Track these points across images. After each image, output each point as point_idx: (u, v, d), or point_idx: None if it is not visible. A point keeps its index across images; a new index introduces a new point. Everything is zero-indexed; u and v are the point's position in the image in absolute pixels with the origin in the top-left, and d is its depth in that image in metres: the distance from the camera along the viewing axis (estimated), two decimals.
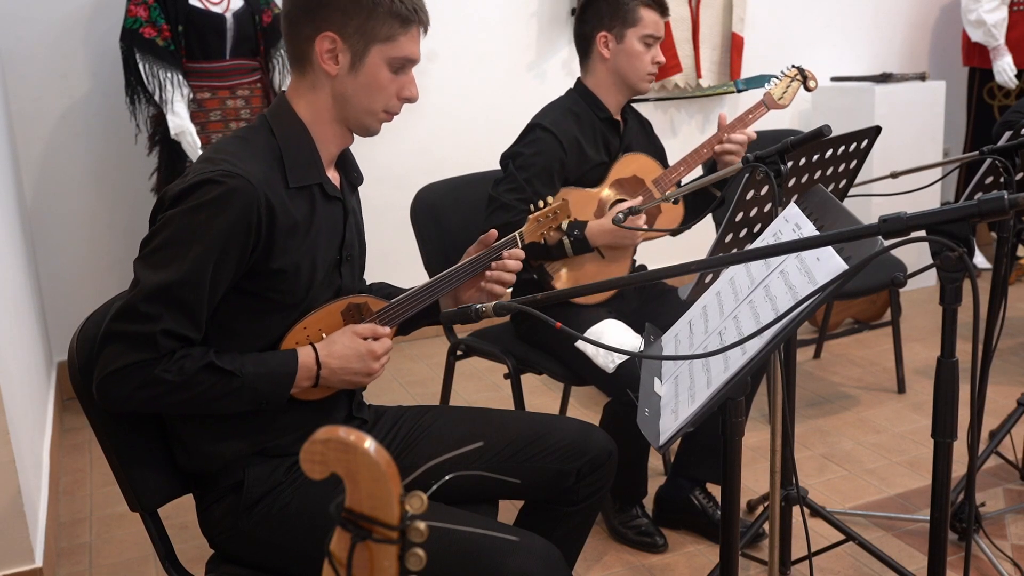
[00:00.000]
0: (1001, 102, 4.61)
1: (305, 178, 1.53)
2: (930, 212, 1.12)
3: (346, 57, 1.51)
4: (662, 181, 2.40)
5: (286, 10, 1.55)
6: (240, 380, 1.45)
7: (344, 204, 1.63)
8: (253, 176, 1.44)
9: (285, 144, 1.53)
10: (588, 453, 1.70)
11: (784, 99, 2.49)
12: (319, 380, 1.52)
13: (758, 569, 2.28)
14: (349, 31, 1.49)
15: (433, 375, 3.69)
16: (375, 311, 1.63)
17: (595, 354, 2.23)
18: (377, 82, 1.53)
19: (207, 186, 1.41)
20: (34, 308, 3.19)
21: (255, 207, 1.43)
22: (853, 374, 3.55)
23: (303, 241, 1.52)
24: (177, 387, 1.42)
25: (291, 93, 1.58)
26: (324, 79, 1.53)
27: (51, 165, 3.50)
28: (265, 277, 1.48)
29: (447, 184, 2.67)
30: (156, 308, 1.39)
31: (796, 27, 4.64)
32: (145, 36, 3.08)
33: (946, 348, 1.25)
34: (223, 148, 1.51)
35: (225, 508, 1.55)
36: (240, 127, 1.69)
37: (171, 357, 1.42)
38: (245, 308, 1.50)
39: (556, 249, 2.30)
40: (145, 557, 2.49)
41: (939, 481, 1.30)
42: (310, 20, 1.50)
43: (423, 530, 0.71)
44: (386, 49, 1.52)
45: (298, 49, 1.54)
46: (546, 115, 2.39)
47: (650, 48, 2.37)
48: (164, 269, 1.40)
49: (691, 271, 1.25)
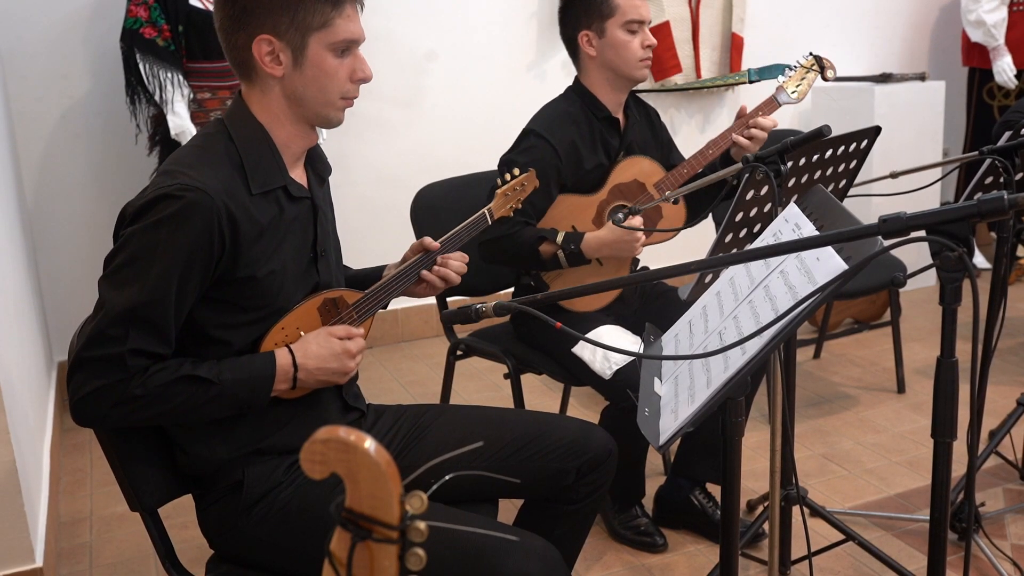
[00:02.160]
0: (1001, 102, 4.61)
1: (268, 183, 1.51)
2: (930, 212, 1.12)
3: (287, 55, 1.49)
4: (664, 185, 2.35)
5: (217, 23, 1.52)
6: (219, 388, 1.45)
7: (313, 201, 1.60)
8: (211, 187, 1.42)
9: (244, 150, 1.50)
10: (588, 452, 1.71)
11: (798, 94, 2.39)
12: (296, 382, 1.52)
13: (758, 569, 2.28)
14: (283, 29, 1.47)
15: (433, 375, 3.69)
16: (351, 303, 1.63)
17: (592, 360, 2.22)
18: (324, 71, 1.50)
19: (165, 201, 1.40)
20: (34, 308, 3.18)
21: (215, 219, 1.41)
22: (853, 374, 3.55)
23: (270, 247, 1.51)
24: (152, 401, 1.41)
25: (246, 96, 1.55)
26: (272, 82, 1.51)
27: (51, 165, 3.50)
28: (234, 285, 1.48)
29: (447, 184, 2.67)
30: (121, 329, 1.39)
31: (796, 27, 4.64)
32: (145, 36, 3.08)
33: (946, 348, 1.25)
34: (181, 159, 1.49)
35: (225, 508, 1.55)
36: (197, 132, 1.67)
37: (143, 374, 1.41)
38: (218, 316, 1.49)
39: (551, 262, 2.28)
40: (145, 557, 2.49)
41: (939, 481, 1.30)
42: (242, 27, 1.48)
43: (423, 530, 0.71)
44: (324, 36, 1.49)
45: (239, 58, 1.51)
46: (541, 120, 2.35)
47: (636, 34, 2.30)
48: (128, 288, 1.39)
49: (691, 271, 1.25)
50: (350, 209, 3.68)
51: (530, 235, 2.26)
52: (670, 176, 2.35)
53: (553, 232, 2.27)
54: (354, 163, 3.88)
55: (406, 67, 3.89)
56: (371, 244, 3.84)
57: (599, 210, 2.34)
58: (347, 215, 2.93)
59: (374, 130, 3.90)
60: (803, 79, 2.41)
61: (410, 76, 3.91)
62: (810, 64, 2.42)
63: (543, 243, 2.27)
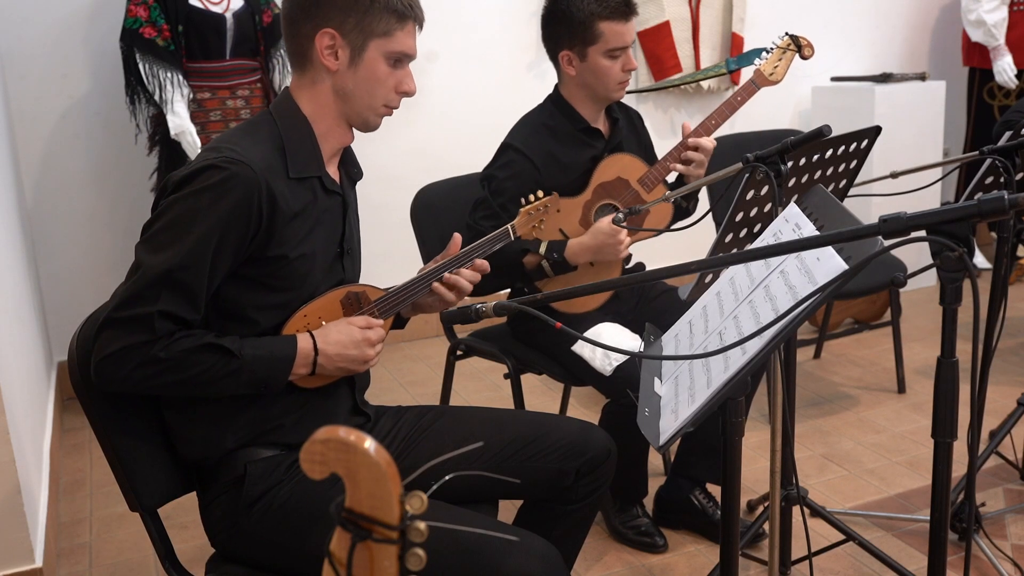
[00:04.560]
0: (1001, 102, 4.61)
1: (306, 170, 1.56)
2: (930, 212, 1.12)
3: (345, 53, 1.55)
4: (648, 179, 2.33)
5: (285, 10, 1.58)
6: (239, 361, 1.47)
7: (344, 198, 1.66)
8: (255, 163, 1.47)
9: (288, 136, 1.56)
10: (587, 452, 1.71)
11: (776, 74, 2.37)
12: (316, 367, 1.54)
13: (758, 569, 2.28)
14: (348, 27, 1.53)
15: (433, 375, 3.69)
16: (373, 300, 1.65)
17: (592, 358, 2.22)
18: (376, 76, 1.57)
19: (210, 171, 1.44)
20: (34, 308, 3.19)
21: (256, 193, 1.45)
22: (853, 374, 3.55)
23: (302, 231, 1.54)
24: (174, 366, 1.43)
25: (294, 89, 1.61)
26: (325, 75, 1.57)
27: (51, 165, 3.50)
28: (264, 264, 1.51)
29: (447, 184, 2.67)
30: (155, 290, 1.42)
31: (796, 27, 4.59)
32: (145, 36, 3.08)
33: (946, 348, 1.25)
34: (227, 137, 1.54)
35: (225, 506, 1.56)
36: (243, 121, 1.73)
37: (169, 338, 1.43)
38: (246, 294, 1.52)
39: (537, 273, 2.27)
40: (145, 557, 2.49)
41: (939, 481, 1.30)
42: (309, 18, 1.54)
43: (423, 530, 0.71)
44: (383, 44, 1.56)
45: (298, 47, 1.57)
46: (517, 133, 2.34)
47: (617, 59, 2.26)
48: (164, 251, 1.43)
49: (691, 271, 1.25)
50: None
51: (512, 248, 2.25)
52: (653, 171, 2.34)
53: (536, 243, 2.25)
54: None
55: None
56: (371, 244, 3.82)
57: (585, 210, 2.33)
58: None
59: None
60: (779, 61, 2.39)
61: None
62: (786, 44, 2.41)
63: (527, 255, 2.26)
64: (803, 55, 2.41)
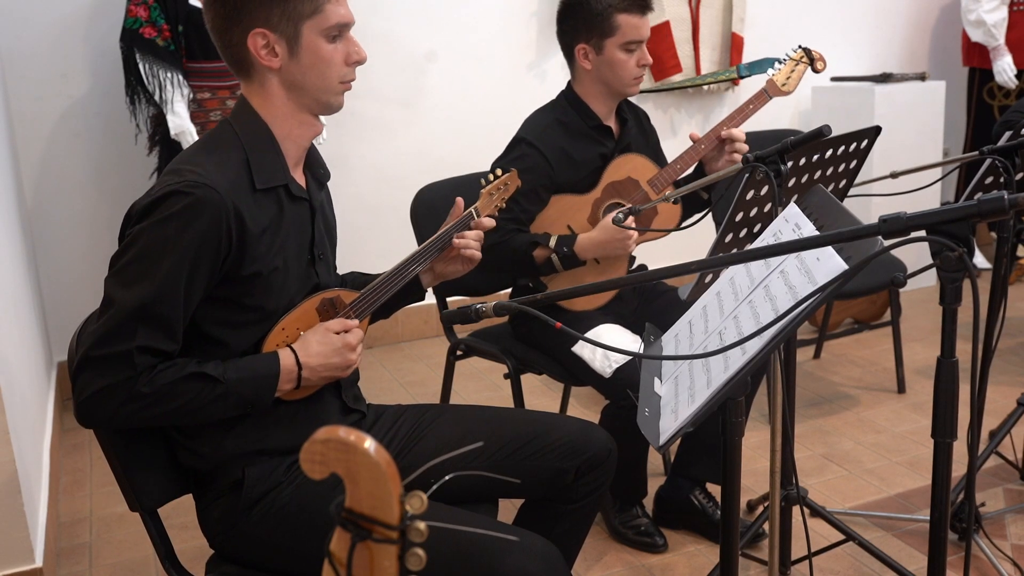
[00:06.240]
0: (1001, 102, 4.61)
1: (271, 179, 1.53)
2: (930, 212, 1.12)
3: (282, 46, 1.50)
4: (658, 181, 2.35)
5: (210, 23, 1.53)
6: (224, 386, 1.46)
7: (311, 203, 1.62)
8: (220, 185, 1.43)
9: (250, 145, 1.52)
10: (587, 451, 1.71)
11: (788, 85, 2.40)
12: (300, 381, 1.53)
13: (758, 569, 2.28)
14: (275, 20, 1.48)
15: (433, 375, 3.69)
16: (348, 303, 1.64)
17: (592, 359, 2.22)
18: (321, 58, 1.52)
19: (174, 197, 1.40)
20: (34, 308, 3.18)
21: (224, 216, 1.42)
22: (853, 374, 3.55)
23: (273, 244, 1.52)
24: (160, 399, 1.42)
25: (247, 93, 1.57)
26: (270, 75, 1.53)
27: (51, 165, 3.50)
28: (238, 283, 1.48)
29: (447, 184, 2.67)
30: (130, 325, 1.39)
31: (796, 27, 4.64)
32: (145, 36, 3.08)
33: (946, 348, 1.25)
34: (187, 158, 1.50)
35: (225, 507, 1.55)
36: (204, 134, 1.68)
37: (151, 372, 1.41)
38: (222, 315, 1.50)
39: (546, 267, 2.29)
40: (145, 557, 2.49)
41: (939, 481, 1.30)
42: (236, 24, 1.49)
43: (423, 530, 0.71)
44: (316, 23, 1.50)
45: (235, 55, 1.53)
46: (530, 128, 2.35)
47: (633, 53, 2.30)
48: (136, 285, 1.40)
49: (691, 271, 1.25)
50: (350, 209, 3.68)
51: (522, 241, 2.27)
52: (663, 173, 2.36)
53: (546, 236, 2.27)
54: (354, 163, 3.88)
55: (406, 67, 3.89)
56: (371, 244, 3.85)
57: (594, 208, 2.34)
58: (347, 215, 2.93)
59: (374, 130, 3.90)
60: (792, 73, 2.42)
61: (410, 76, 3.91)
62: (799, 56, 2.44)
63: (536, 248, 2.27)
64: (815, 68, 2.44)
